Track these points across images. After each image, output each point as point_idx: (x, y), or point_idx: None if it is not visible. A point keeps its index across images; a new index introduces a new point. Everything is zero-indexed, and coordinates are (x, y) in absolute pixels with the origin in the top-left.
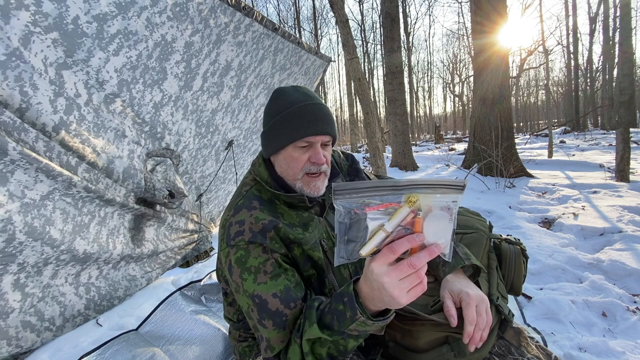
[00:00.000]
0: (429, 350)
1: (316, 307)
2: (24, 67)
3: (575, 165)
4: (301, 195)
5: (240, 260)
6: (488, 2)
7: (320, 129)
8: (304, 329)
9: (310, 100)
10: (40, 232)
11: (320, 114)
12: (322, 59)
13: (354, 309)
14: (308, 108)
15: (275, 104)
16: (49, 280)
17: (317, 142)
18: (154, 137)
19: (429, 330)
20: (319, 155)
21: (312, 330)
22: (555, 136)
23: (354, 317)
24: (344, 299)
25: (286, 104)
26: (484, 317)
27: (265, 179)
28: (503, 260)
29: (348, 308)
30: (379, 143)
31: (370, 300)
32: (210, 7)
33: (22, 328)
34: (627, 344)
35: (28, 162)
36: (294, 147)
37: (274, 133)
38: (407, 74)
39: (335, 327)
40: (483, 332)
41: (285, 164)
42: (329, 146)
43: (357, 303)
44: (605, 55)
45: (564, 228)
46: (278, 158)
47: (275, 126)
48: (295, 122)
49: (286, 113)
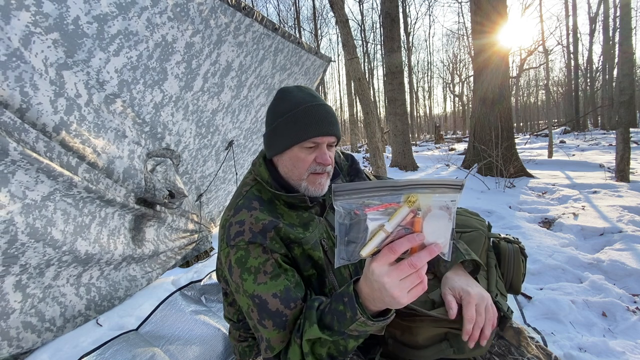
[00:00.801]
0: (428, 346)
1: (316, 307)
2: (25, 67)
3: (575, 165)
4: (302, 196)
5: (240, 260)
6: (488, 2)
7: (327, 129)
8: (304, 329)
9: (316, 101)
10: (42, 233)
11: (326, 115)
12: (322, 59)
13: (354, 310)
14: (315, 109)
15: (281, 104)
16: (50, 282)
17: (323, 143)
18: (154, 137)
19: (428, 327)
20: (325, 156)
21: (312, 331)
22: (555, 136)
23: (354, 317)
24: (344, 299)
25: (292, 104)
26: (483, 315)
27: (266, 179)
28: (502, 258)
29: (348, 308)
30: (379, 143)
31: (370, 300)
32: (211, 7)
33: (22, 329)
34: (627, 344)
35: (29, 163)
36: (300, 148)
37: (279, 133)
38: (407, 74)
39: (335, 328)
40: (485, 330)
41: (290, 164)
42: (334, 147)
43: (357, 303)
44: (605, 55)
45: (564, 228)
46: (283, 158)
47: (281, 126)
48: (302, 122)
49: (292, 113)
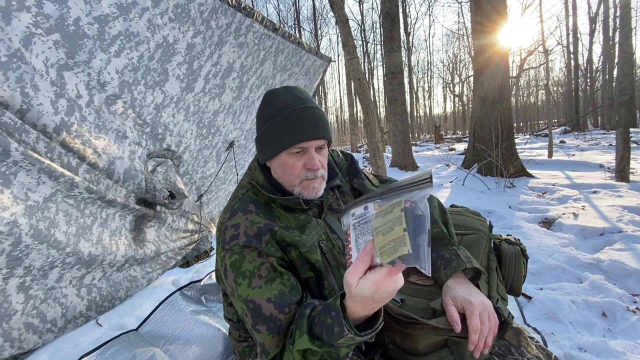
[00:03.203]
0: (428, 353)
1: (307, 315)
2: (25, 68)
3: (575, 165)
4: (297, 198)
5: (234, 264)
6: (488, 2)
7: (313, 133)
8: (295, 338)
9: (302, 104)
10: (46, 234)
11: (312, 118)
12: (322, 59)
13: (341, 325)
14: (299, 112)
15: (267, 109)
16: (53, 283)
17: (310, 148)
18: (155, 138)
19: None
20: (313, 161)
21: (302, 341)
22: (555, 136)
23: (341, 333)
24: (331, 313)
25: (277, 108)
26: (487, 325)
27: (262, 183)
28: (503, 261)
29: (336, 323)
30: (379, 143)
31: (355, 312)
32: (212, 8)
33: (24, 330)
34: (627, 344)
35: (30, 164)
36: (287, 154)
37: (267, 140)
38: (407, 74)
39: (325, 339)
40: (487, 338)
41: (281, 171)
42: (325, 149)
43: (344, 319)
44: (605, 55)
45: (564, 228)
46: (273, 164)
47: (268, 132)
48: (287, 128)
49: (277, 118)
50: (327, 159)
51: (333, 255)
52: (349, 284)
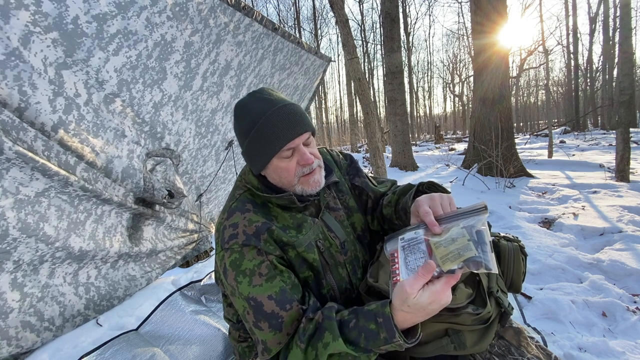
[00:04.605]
0: (429, 342)
1: (335, 317)
2: (23, 66)
3: (575, 165)
4: (290, 196)
5: (234, 263)
6: (488, 2)
7: (294, 131)
8: (325, 340)
9: (273, 106)
10: (34, 228)
11: (288, 117)
12: (322, 58)
13: (391, 332)
14: (274, 116)
15: (242, 123)
16: (47, 280)
17: (298, 145)
18: (154, 137)
19: (428, 322)
20: (305, 156)
21: (337, 344)
22: (555, 136)
23: (390, 339)
24: (377, 319)
25: (251, 119)
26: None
27: (256, 186)
28: (502, 257)
29: (384, 330)
30: (379, 143)
31: (403, 321)
32: (210, 6)
33: (22, 328)
34: (627, 344)
35: (24, 162)
36: (278, 159)
37: (253, 152)
38: (407, 74)
39: (361, 345)
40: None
41: (277, 176)
42: (311, 140)
43: (394, 326)
44: (605, 55)
45: (564, 228)
46: (268, 172)
47: (251, 145)
48: (267, 135)
49: (255, 130)
50: (316, 148)
51: (330, 254)
52: (408, 294)
